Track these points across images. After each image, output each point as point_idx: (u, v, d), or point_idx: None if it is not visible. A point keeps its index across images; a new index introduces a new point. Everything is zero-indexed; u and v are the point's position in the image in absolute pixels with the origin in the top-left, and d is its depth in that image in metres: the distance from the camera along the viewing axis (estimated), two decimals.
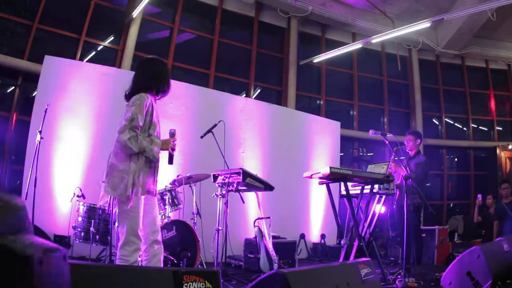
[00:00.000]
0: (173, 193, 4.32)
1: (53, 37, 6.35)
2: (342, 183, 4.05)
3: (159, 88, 2.68)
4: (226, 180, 3.93)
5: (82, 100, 5.30)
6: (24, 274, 0.83)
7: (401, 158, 4.65)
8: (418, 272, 4.46)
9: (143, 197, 2.54)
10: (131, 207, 2.47)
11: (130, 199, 2.45)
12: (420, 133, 5.23)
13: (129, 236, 2.46)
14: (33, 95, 5.61)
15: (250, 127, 6.64)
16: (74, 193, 4.35)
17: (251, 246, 4.90)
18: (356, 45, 8.20)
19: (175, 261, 3.90)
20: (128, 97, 2.65)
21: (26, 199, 4.03)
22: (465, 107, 10.25)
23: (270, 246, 4.31)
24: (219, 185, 4.07)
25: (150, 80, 2.64)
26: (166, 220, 4.13)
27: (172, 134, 2.74)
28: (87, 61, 6.35)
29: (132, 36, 6.82)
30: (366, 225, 4.35)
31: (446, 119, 10.15)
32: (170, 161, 2.74)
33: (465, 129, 10.32)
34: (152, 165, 2.61)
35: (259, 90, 8.36)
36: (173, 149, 2.70)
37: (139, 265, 2.56)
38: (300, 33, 8.69)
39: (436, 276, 4.15)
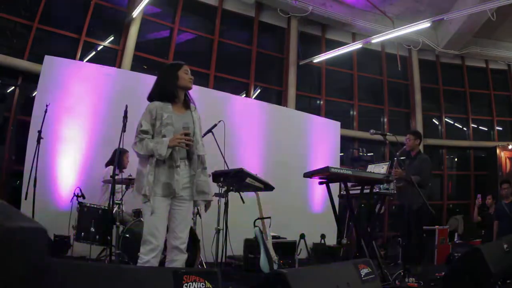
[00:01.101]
0: None
1: (53, 37, 6.35)
2: (342, 183, 4.05)
3: (164, 95, 2.71)
4: (226, 180, 3.93)
5: (82, 100, 5.30)
6: None
7: (401, 158, 4.65)
8: (418, 272, 4.46)
9: (160, 198, 2.55)
10: (148, 207, 2.54)
11: (148, 199, 2.53)
12: (419, 133, 5.20)
13: (146, 235, 2.53)
14: (33, 95, 5.61)
15: (250, 127, 6.64)
16: (74, 193, 4.35)
17: (251, 246, 4.90)
18: (356, 45, 8.20)
19: None
20: None
21: (26, 199, 4.03)
22: (465, 107, 10.24)
23: (270, 246, 4.30)
24: (219, 185, 4.06)
25: (156, 86, 2.76)
26: None
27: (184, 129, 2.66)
28: (87, 61, 6.35)
29: (132, 36, 6.82)
30: (366, 225, 4.35)
31: (446, 119, 10.15)
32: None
33: (465, 129, 10.32)
34: (171, 165, 2.58)
35: (259, 90, 8.36)
36: (186, 144, 2.60)
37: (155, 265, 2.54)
38: (300, 33, 8.69)
39: (436, 276, 4.15)
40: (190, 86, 2.81)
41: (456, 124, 10.43)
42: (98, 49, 6.75)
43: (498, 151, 9.48)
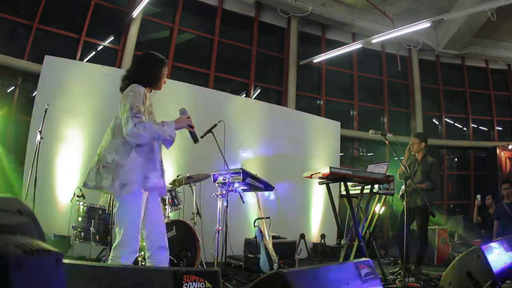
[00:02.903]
0: (173, 193, 4.31)
1: (53, 37, 6.35)
2: (342, 183, 4.05)
3: (150, 82, 2.61)
4: (226, 180, 3.93)
5: (82, 100, 5.30)
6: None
7: (400, 158, 4.63)
8: (418, 272, 4.46)
9: (144, 194, 2.39)
10: (129, 205, 2.34)
11: (128, 196, 2.32)
12: (424, 135, 5.14)
13: (128, 237, 2.31)
14: (33, 95, 5.61)
15: (250, 127, 6.64)
16: (74, 193, 4.34)
17: (251, 246, 4.90)
18: (356, 45, 8.20)
19: (175, 261, 3.89)
20: (122, 90, 2.59)
21: (26, 199, 4.03)
22: (465, 107, 10.25)
23: (270, 246, 4.30)
24: (219, 185, 4.06)
25: (143, 73, 2.59)
26: (166, 220, 4.13)
27: (183, 112, 2.60)
28: (87, 61, 6.36)
29: (132, 36, 6.82)
30: (366, 225, 4.35)
31: (446, 119, 10.15)
32: (195, 139, 2.60)
33: (465, 129, 10.32)
34: (152, 157, 2.46)
35: (259, 90, 8.36)
36: (191, 126, 2.56)
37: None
38: (300, 33, 8.69)
39: (436, 276, 4.15)
40: (160, 89, 2.71)
41: (456, 124, 10.43)
42: (98, 49, 6.76)
43: (498, 151, 9.48)
